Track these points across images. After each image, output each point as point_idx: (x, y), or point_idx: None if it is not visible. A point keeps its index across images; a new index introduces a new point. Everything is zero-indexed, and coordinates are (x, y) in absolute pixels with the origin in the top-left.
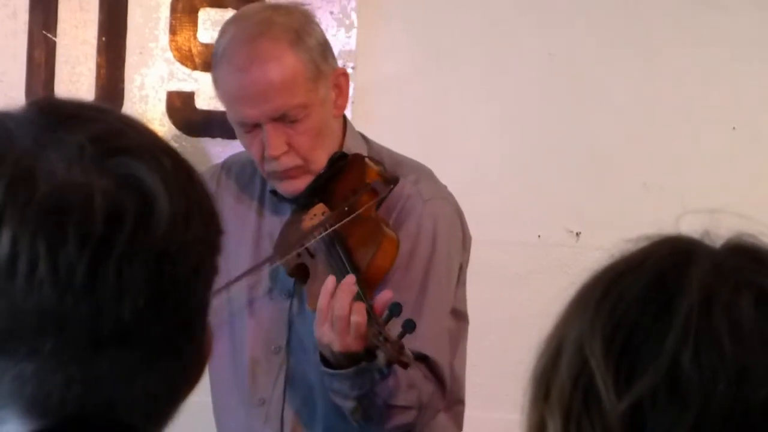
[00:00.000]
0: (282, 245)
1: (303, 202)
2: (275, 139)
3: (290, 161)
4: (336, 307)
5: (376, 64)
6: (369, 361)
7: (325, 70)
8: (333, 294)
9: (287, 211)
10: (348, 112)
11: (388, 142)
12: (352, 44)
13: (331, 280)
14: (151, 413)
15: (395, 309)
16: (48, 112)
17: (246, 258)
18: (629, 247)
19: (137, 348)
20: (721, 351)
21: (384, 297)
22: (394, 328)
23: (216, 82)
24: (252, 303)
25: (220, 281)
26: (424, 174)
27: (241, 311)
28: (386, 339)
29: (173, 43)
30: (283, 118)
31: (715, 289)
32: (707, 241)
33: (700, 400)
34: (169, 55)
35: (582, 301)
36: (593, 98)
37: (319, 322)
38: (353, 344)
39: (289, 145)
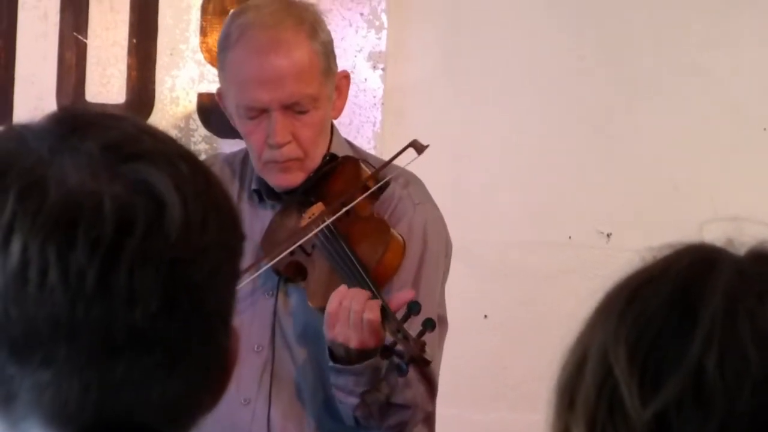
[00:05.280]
0: (271, 244)
1: (298, 201)
2: (283, 128)
3: (292, 152)
4: (353, 304)
5: (406, 66)
6: (385, 358)
7: (333, 68)
8: (345, 295)
9: (268, 210)
10: (378, 113)
11: None
12: (382, 45)
13: (343, 286)
14: (172, 420)
15: (414, 307)
16: (64, 121)
17: None
18: (652, 255)
19: (153, 354)
20: (745, 358)
21: (405, 296)
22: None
23: (226, 64)
24: None
25: None
26: (412, 178)
27: None
28: (405, 337)
29: (204, 45)
30: (293, 107)
31: (738, 296)
32: (730, 249)
33: (726, 407)
34: (200, 56)
35: (605, 309)
36: (624, 99)
37: (329, 324)
38: (369, 341)
39: (293, 136)
